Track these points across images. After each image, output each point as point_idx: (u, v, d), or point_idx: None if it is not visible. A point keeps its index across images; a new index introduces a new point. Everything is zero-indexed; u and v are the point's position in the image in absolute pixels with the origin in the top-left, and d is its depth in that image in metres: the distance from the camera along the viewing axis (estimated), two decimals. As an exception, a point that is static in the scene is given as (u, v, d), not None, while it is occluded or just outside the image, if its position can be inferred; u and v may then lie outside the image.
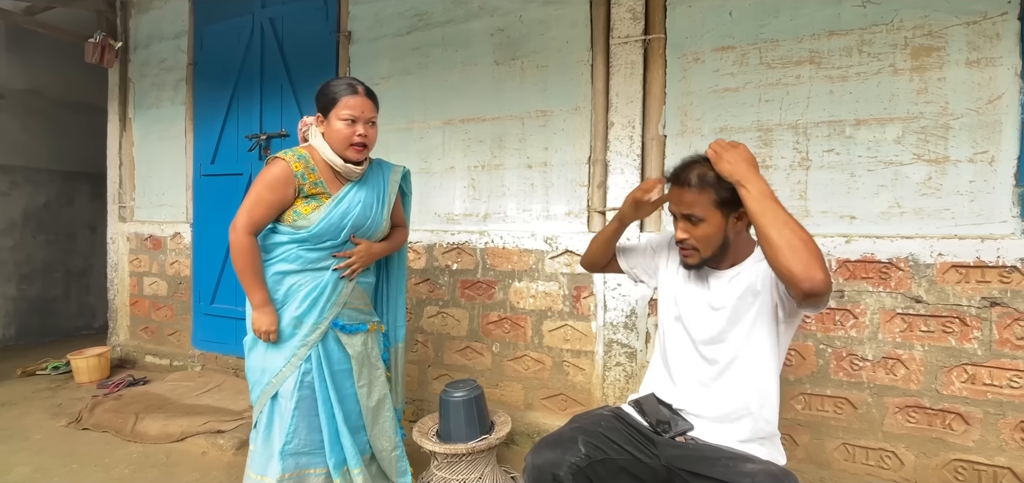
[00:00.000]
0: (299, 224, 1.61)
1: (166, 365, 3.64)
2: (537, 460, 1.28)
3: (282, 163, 1.60)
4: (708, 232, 1.32)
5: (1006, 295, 1.77)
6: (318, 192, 1.63)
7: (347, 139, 1.60)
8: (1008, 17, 1.78)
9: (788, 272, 1.11)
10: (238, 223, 1.58)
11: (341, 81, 1.65)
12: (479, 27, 2.64)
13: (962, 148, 1.83)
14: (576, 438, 1.33)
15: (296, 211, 1.62)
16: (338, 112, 1.59)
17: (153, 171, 3.77)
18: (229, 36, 3.36)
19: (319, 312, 1.64)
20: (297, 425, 1.64)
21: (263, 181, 1.60)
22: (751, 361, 1.30)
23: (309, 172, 1.61)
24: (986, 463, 1.80)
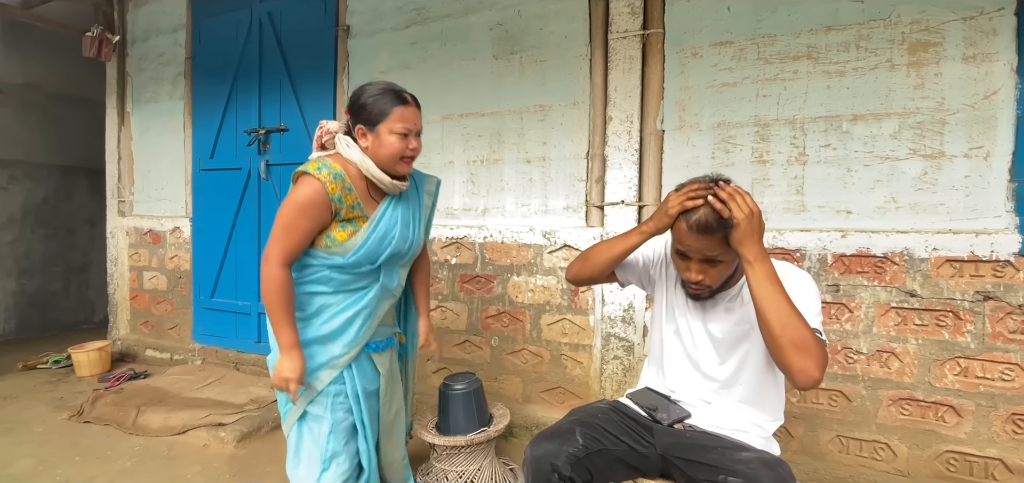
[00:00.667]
0: (334, 250, 1.45)
1: (167, 359, 3.65)
2: (536, 452, 1.30)
3: (316, 184, 1.39)
4: (725, 271, 1.29)
5: (999, 289, 1.79)
6: (355, 216, 1.46)
7: (400, 153, 1.44)
8: (1005, 13, 1.78)
9: (787, 368, 1.13)
10: (271, 254, 1.40)
11: (388, 90, 1.45)
12: (478, 21, 2.64)
13: (958, 143, 1.85)
14: (574, 430, 1.34)
15: (330, 236, 1.45)
16: (391, 125, 1.41)
17: (152, 165, 3.77)
18: (227, 30, 3.35)
19: (353, 335, 1.51)
20: (334, 450, 1.51)
21: (296, 205, 1.39)
22: (750, 377, 1.32)
23: (346, 194, 1.42)
24: (978, 455, 1.82)
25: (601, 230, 2.35)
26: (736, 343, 1.33)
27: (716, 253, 1.24)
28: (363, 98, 1.45)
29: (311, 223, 1.41)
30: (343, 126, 1.52)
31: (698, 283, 1.30)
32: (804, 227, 2.04)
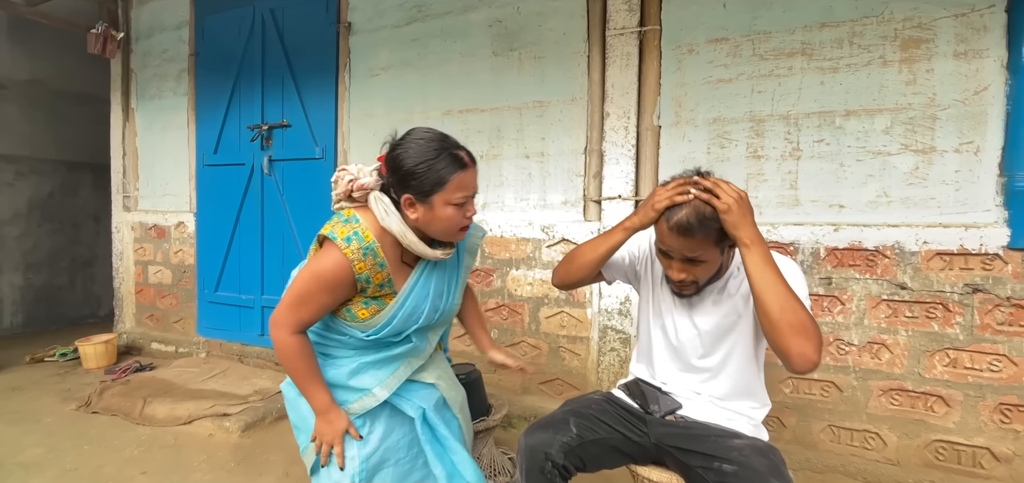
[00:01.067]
0: (354, 325, 1.29)
1: (172, 351, 3.71)
2: (531, 441, 1.34)
3: (342, 260, 1.20)
4: (709, 269, 1.31)
5: (988, 282, 1.82)
6: (381, 295, 1.27)
7: (457, 225, 1.23)
8: (995, 9, 1.81)
9: (785, 351, 1.13)
10: (280, 320, 1.24)
11: (441, 151, 1.19)
12: (477, 18, 2.67)
13: (948, 138, 1.88)
14: (568, 420, 1.38)
15: (350, 311, 1.27)
16: (449, 195, 1.19)
17: (156, 161, 3.82)
18: (230, 27, 3.39)
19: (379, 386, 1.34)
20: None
21: (317, 278, 1.21)
22: (736, 368, 1.35)
23: (376, 272, 1.23)
24: (966, 444, 1.86)
25: (598, 224, 2.38)
26: (723, 335, 1.35)
27: (697, 253, 1.25)
28: (411, 163, 1.18)
29: (330, 299, 1.24)
30: (377, 180, 1.26)
31: (681, 282, 1.32)
32: (797, 221, 2.08)
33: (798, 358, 1.12)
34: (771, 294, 1.15)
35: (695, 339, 1.38)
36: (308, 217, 3.17)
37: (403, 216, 1.22)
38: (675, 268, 1.30)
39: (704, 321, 1.37)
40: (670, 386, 1.45)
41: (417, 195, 1.19)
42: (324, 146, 3.10)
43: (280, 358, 1.26)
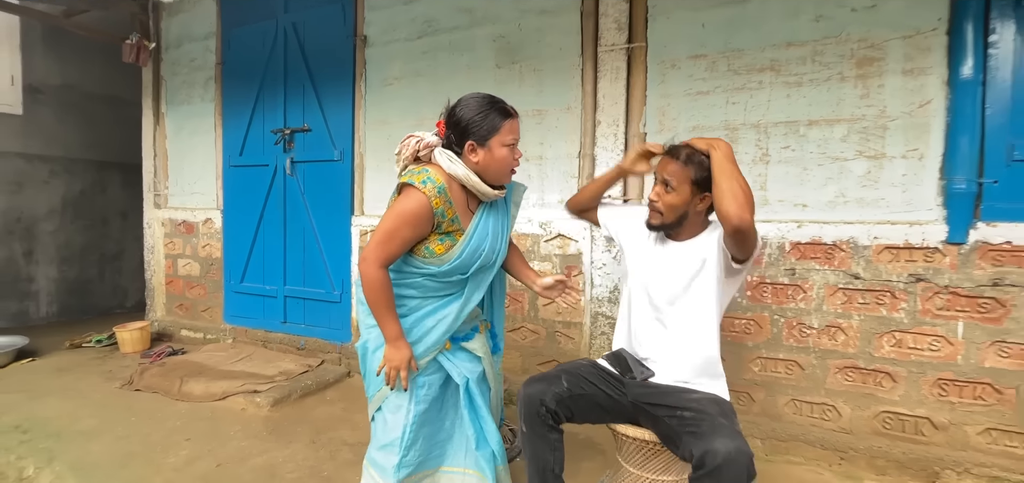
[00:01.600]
0: (430, 261, 1.55)
1: (200, 338, 4.02)
2: (529, 390, 1.61)
3: (423, 199, 1.47)
4: (675, 201, 1.61)
5: (929, 272, 2.07)
6: (454, 230, 1.54)
7: (510, 165, 1.54)
8: (938, 32, 2.06)
9: (726, 211, 1.43)
10: (370, 256, 1.48)
11: (492, 104, 1.50)
12: (482, 34, 2.94)
13: (897, 146, 2.13)
14: (560, 376, 1.66)
15: (428, 247, 1.54)
16: (502, 138, 1.49)
17: (185, 162, 4.12)
18: (254, 38, 3.68)
19: (437, 338, 1.61)
20: (416, 436, 1.62)
21: (401, 216, 1.48)
22: (697, 313, 1.61)
23: (448, 208, 1.51)
24: (909, 414, 2.12)
25: (591, 221, 2.65)
26: (688, 282, 1.62)
27: (673, 178, 1.59)
28: (471, 115, 1.49)
29: (413, 233, 1.50)
30: (439, 139, 1.55)
31: (653, 203, 1.65)
32: (766, 218, 2.34)
33: (735, 217, 1.41)
34: (725, 171, 1.48)
35: (665, 280, 1.65)
36: (327, 214, 3.46)
37: (465, 163, 1.52)
38: (656, 189, 1.65)
39: (675, 265, 1.65)
40: (643, 339, 1.71)
41: (478, 140, 1.49)
42: (342, 149, 3.38)
43: (366, 290, 1.51)
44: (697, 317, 1.63)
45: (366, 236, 3.33)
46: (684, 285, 1.63)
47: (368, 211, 3.34)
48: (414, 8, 3.11)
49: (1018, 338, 1.96)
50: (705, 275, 1.61)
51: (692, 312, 1.62)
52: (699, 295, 1.62)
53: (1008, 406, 1.99)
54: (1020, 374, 1.97)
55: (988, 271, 1.99)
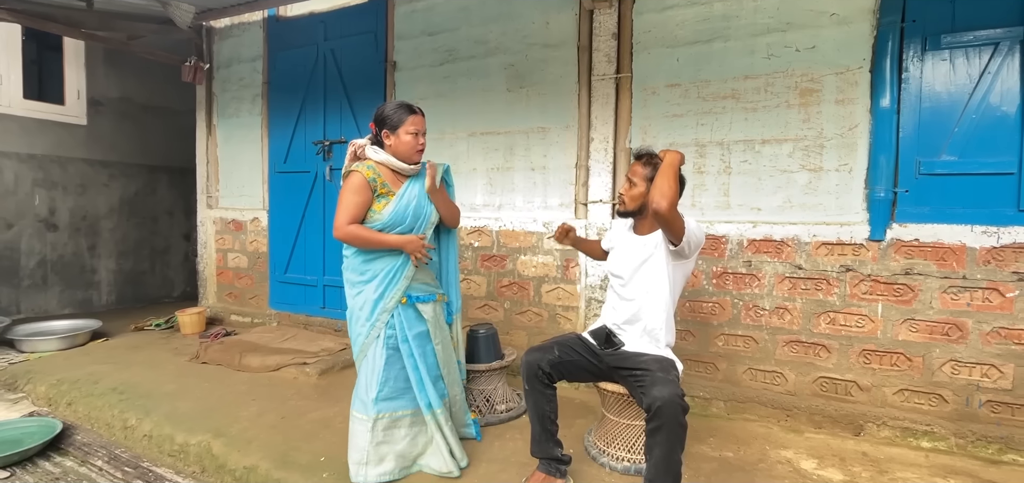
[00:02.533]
0: (374, 219, 2.11)
1: (248, 322, 4.60)
2: (529, 358, 2.14)
3: (358, 174, 2.10)
4: (636, 194, 2.15)
5: (856, 263, 2.57)
6: (385, 192, 2.13)
7: (414, 147, 2.15)
8: (863, 69, 2.55)
9: (652, 199, 1.90)
10: (338, 223, 2.09)
11: (401, 104, 2.16)
12: (495, 62, 3.46)
13: (831, 161, 2.62)
14: (553, 347, 2.18)
15: (373, 209, 2.13)
16: (406, 128, 2.13)
17: (234, 168, 4.70)
18: (298, 60, 4.24)
19: (394, 287, 2.15)
20: (387, 377, 2.14)
21: (348, 189, 2.10)
22: (648, 289, 2.11)
23: (378, 177, 2.12)
24: (840, 378, 2.61)
25: (585, 221, 3.17)
26: (643, 260, 2.12)
27: (635, 176, 2.13)
28: (385, 112, 2.17)
29: (358, 198, 2.09)
30: (369, 139, 2.22)
31: (621, 195, 2.19)
32: (728, 220, 2.84)
33: (656, 204, 1.87)
34: (660, 173, 1.94)
35: (625, 263, 2.18)
36: (361, 214, 4.01)
37: (384, 149, 2.15)
38: (623, 184, 2.20)
39: (632, 252, 2.17)
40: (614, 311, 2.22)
41: (391, 129, 2.15)
42: (374, 158, 3.93)
43: (350, 241, 2.13)
44: (648, 292, 2.13)
45: (395, 233, 3.87)
46: (636, 266, 2.15)
47: (397, 212, 3.89)
48: (437, 39, 3.65)
49: (924, 316, 2.45)
50: (655, 259, 2.11)
51: (644, 288, 2.12)
52: (650, 275, 2.12)
53: (916, 371, 2.48)
54: (925, 345, 2.45)
55: (901, 262, 2.48)
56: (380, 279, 2.16)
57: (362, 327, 2.18)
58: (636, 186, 2.15)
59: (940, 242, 2.42)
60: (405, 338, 2.19)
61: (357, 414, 2.18)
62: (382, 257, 2.16)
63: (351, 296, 2.22)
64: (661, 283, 2.12)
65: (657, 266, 2.11)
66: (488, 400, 2.83)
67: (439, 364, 2.32)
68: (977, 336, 2.37)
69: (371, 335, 2.17)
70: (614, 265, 2.26)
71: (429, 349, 2.27)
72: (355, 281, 2.21)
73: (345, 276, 2.24)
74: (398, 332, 2.19)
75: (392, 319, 2.18)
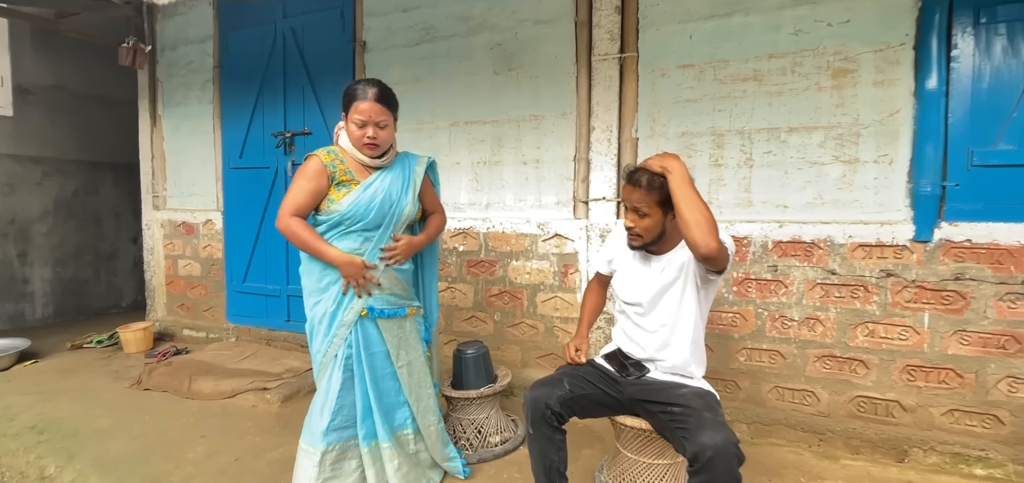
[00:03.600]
0: (332, 209, 1.82)
1: (203, 337, 4.09)
2: (534, 394, 1.76)
3: (314, 158, 1.84)
4: (650, 224, 1.75)
5: (898, 268, 2.26)
6: (347, 180, 1.84)
7: (359, 140, 1.83)
8: (905, 46, 2.23)
9: (693, 241, 1.57)
10: (281, 212, 1.79)
11: (356, 85, 1.84)
12: (479, 42, 3.05)
13: (869, 151, 2.30)
14: (562, 379, 1.81)
15: (329, 198, 1.83)
16: (351, 116, 1.84)
17: (183, 164, 4.17)
18: (253, 42, 3.74)
19: (354, 298, 1.86)
20: (341, 404, 1.86)
21: (301, 174, 1.83)
22: (676, 317, 1.77)
23: (338, 163, 1.84)
24: (880, 398, 2.31)
25: (586, 221, 2.80)
26: (666, 287, 1.78)
27: (642, 205, 1.71)
28: (344, 91, 1.87)
29: (310, 185, 1.79)
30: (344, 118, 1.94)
31: (630, 230, 1.77)
32: (750, 219, 2.50)
33: (702, 246, 1.54)
34: (683, 197, 1.59)
35: (646, 287, 1.81)
36: (329, 215, 3.55)
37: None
38: (629, 216, 1.76)
39: (658, 278, 1.80)
40: (636, 339, 1.86)
41: (344, 115, 1.87)
42: (342, 152, 3.47)
43: (291, 238, 1.81)
44: (676, 321, 1.78)
45: (368, 236, 3.43)
46: (658, 293, 1.78)
47: (370, 212, 3.45)
48: (413, 15, 3.21)
49: (976, 327, 2.16)
50: (682, 282, 1.76)
51: (670, 316, 1.77)
52: (676, 301, 1.77)
53: (968, 389, 2.19)
54: (978, 359, 2.16)
55: (950, 266, 2.18)
56: (340, 288, 1.88)
57: (320, 344, 1.91)
58: (647, 216, 1.74)
59: (995, 243, 2.12)
60: (360, 358, 1.91)
61: (304, 446, 1.91)
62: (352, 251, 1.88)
63: (309, 306, 1.93)
64: (689, 308, 1.77)
65: (686, 288, 1.76)
66: (479, 431, 2.44)
67: (403, 388, 1.98)
68: (1038, 349, 2.09)
69: (328, 354, 1.89)
70: (627, 291, 1.88)
71: (387, 371, 1.97)
72: (313, 288, 1.91)
73: (302, 282, 1.95)
74: (354, 351, 1.90)
75: (351, 335, 1.89)
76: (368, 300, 1.89)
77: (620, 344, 1.94)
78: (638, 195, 1.74)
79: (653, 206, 1.73)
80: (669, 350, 1.80)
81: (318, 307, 1.90)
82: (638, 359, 1.87)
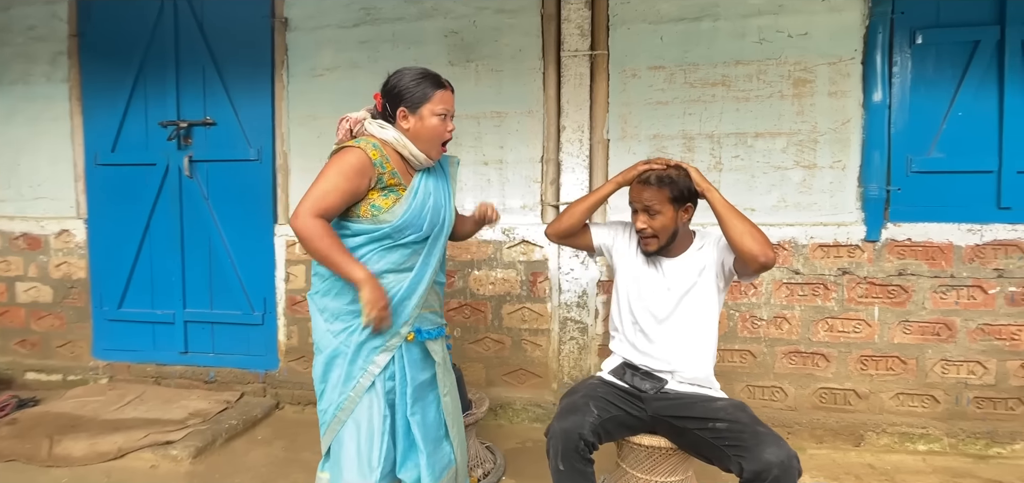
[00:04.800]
0: (382, 218, 1.48)
1: (58, 380, 3.20)
2: (564, 425, 1.54)
3: (360, 152, 1.45)
4: (664, 223, 1.65)
5: (852, 266, 2.43)
6: (394, 184, 1.51)
7: (441, 135, 1.54)
8: (855, 61, 2.41)
9: (751, 252, 1.51)
10: (301, 211, 1.41)
11: (427, 74, 1.55)
12: (432, 27, 2.74)
13: (826, 157, 2.45)
14: (587, 404, 1.61)
15: (374, 204, 1.49)
16: (433, 107, 1.51)
17: (23, 158, 3.22)
18: (129, 9, 3.00)
19: (403, 316, 1.53)
20: (386, 447, 1.52)
21: (338, 169, 1.44)
22: (697, 323, 1.68)
23: (386, 162, 1.49)
24: (839, 388, 2.47)
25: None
26: (683, 293, 1.68)
27: (654, 203, 1.62)
28: (405, 83, 1.53)
29: (350, 185, 1.44)
30: (368, 113, 1.60)
31: (643, 231, 1.66)
32: (721, 222, 2.53)
33: (762, 255, 1.51)
34: (733, 214, 1.57)
35: (662, 295, 1.69)
36: (241, 222, 2.97)
37: (398, 129, 1.52)
38: (640, 218, 1.66)
39: (672, 282, 1.69)
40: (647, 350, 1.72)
41: (409, 107, 1.51)
42: (259, 147, 2.92)
43: (307, 243, 1.43)
44: (696, 327, 1.69)
45: (293, 246, 2.93)
46: (677, 300, 1.68)
47: (297, 219, 2.94)
48: (350, -8, 2.80)
49: (917, 317, 2.39)
50: (702, 286, 1.68)
51: (690, 324, 1.68)
52: (695, 307, 1.68)
53: (911, 374, 2.42)
54: (918, 346, 2.40)
55: (895, 263, 2.40)
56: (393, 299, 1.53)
57: (347, 370, 1.51)
58: (660, 214, 1.64)
59: (930, 241, 2.38)
60: (404, 389, 1.55)
61: None
62: (391, 275, 1.53)
63: (328, 331, 1.54)
64: (710, 314, 1.69)
65: (704, 294, 1.67)
66: (460, 466, 2.14)
67: (446, 420, 1.67)
68: (964, 334, 2.37)
69: (359, 385, 1.51)
70: (640, 301, 1.73)
71: (431, 401, 1.64)
72: (341, 311, 1.53)
73: (318, 302, 1.56)
74: (398, 383, 1.55)
75: (392, 363, 1.54)
76: (416, 320, 1.57)
77: (628, 357, 1.80)
78: (649, 193, 1.63)
79: (665, 203, 1.63)
80: (689, 361, 1.70)
81: (344, 332, 1.52)
82: (650, 370, 1.75)
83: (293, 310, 2.95)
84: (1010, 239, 2.32)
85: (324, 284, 1.55)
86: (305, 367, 2.94)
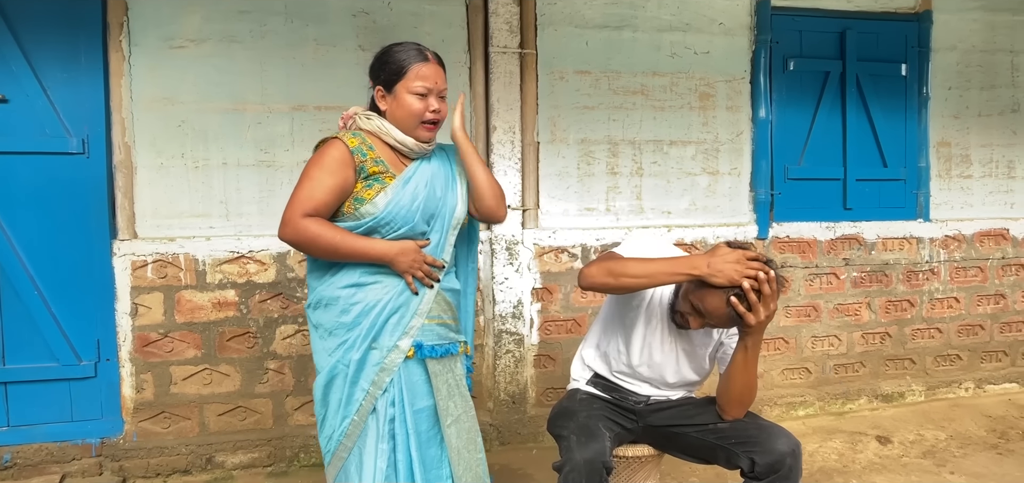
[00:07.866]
0: (363, 211, 1.32)
1: None
2: (587, 455, 1.39)
3: (337, 142, 1.33)
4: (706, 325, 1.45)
5: (748, 261, 2.74)
6: (379, 171, 1.34)
7: (419, 115, 1.34)
8: (744, 80, 2.73)
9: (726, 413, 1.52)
10: (287, 217, 1.27)
11: (406, 46, 1.38)
12: (338, 5, 2.34)
13: (725, 165, 2.73)
14: (598, 426, 1.50)
15: (356, 197, 1.33)
16: (408, 84, 1.33)
17: None
18: None
19: (397, 330, 1.33)
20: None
21: (317, 164, 1.31)
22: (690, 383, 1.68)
23: (367, 150, 1.34)
24: (742, 371, 2.77)
25: (488, 233, 2.46)
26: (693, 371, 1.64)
27: (710, 316, 1.38)
28: (383, 56, 1.37)
29: (333, 179, 1.30)
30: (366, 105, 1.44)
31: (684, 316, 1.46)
32: (643, 224, 2.64)
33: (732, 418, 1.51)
34: (742, 378, 1.45)
35: (673, 363, 1.62)
36: (54, 238, 2.15)
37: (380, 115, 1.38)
38: (694, 321, 1.43)
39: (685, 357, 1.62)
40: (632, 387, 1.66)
41: (385, 85, 1.36)
42: (85, 137, 2.15)
43: (311, 250, 1.31)
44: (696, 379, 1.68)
45: (144, 269, 2.22)
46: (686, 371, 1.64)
47: (151, 232, 2.23)
48: (225, -53, 2.24)
49: (795, 303, 2.81)
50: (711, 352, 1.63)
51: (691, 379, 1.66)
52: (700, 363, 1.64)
53: (792, 351, 2.82)
54: (796, 327, 2.82)
55: (779, 258, 2.77)
56: (378, 314, 1.32)
57: (348, 391, 1.31)
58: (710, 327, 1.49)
59: (802, 237, 2.80)
60: (404, 417, 1.34)
61: None
62: (385, 277, 1.34)
63: (323, 349, 1.36)
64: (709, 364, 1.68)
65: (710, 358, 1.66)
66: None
67: (446, 455, 1.40)
68: (826, 313, 2.85)
69: (363, 409, 1.31)
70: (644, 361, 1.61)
71: (433, 435, 1.40)
72: (335, 326, 1.33)
73: (312, 316, 1.39)
74: (397, 409, 1.34)
75: (390, 385, 1.33)
76: (417, 334, 1.35)
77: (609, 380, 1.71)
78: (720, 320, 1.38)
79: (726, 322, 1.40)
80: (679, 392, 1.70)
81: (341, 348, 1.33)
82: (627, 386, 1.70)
83: (145, 352, 2.24)
84: (852, 233, 2.86)
85: (313, 295, 1.38)
86: (166, 426, 2.25)
